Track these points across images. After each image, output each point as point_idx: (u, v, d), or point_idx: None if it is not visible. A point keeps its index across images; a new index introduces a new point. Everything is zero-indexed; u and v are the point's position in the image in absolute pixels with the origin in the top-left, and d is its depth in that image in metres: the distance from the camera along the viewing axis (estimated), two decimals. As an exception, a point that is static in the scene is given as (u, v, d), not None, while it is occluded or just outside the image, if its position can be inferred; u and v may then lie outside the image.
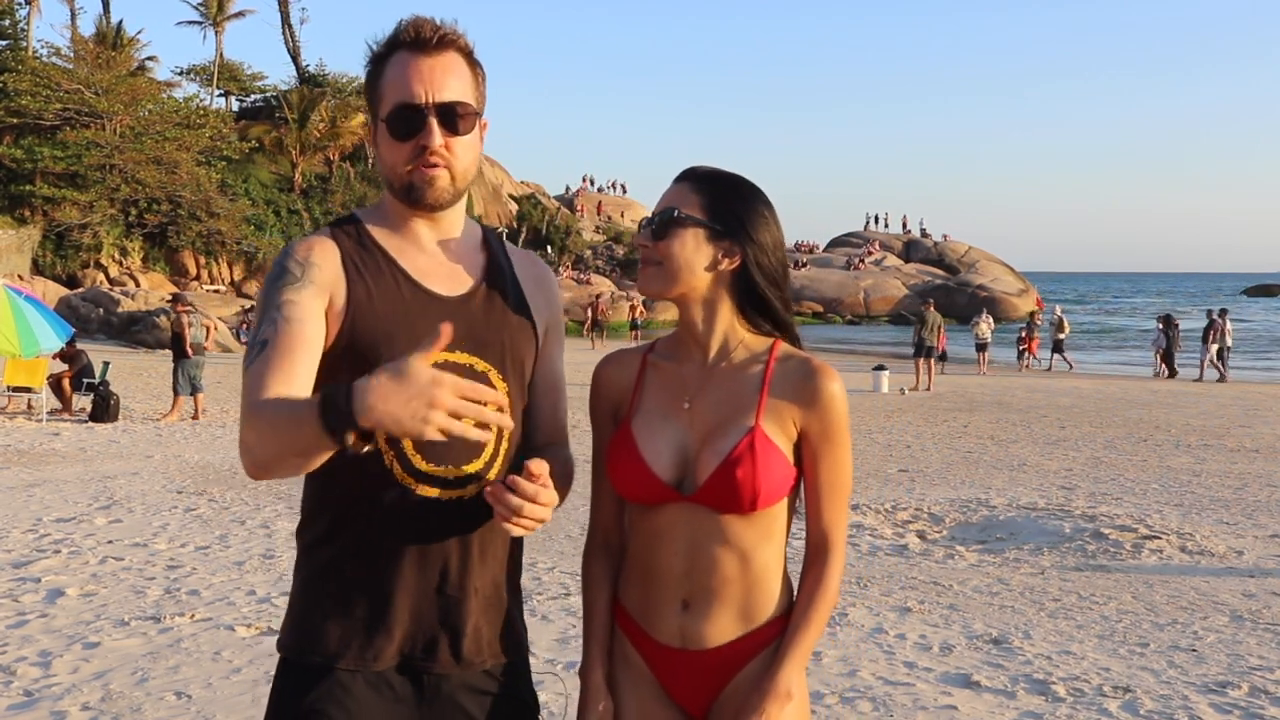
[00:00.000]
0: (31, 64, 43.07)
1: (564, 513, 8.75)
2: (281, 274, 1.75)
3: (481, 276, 1.87)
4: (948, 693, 4.77)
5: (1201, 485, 10.57)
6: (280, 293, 1.73)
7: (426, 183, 1.77)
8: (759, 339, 1.94)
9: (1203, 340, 25.80)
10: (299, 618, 1.80)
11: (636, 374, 1.97)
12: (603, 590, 1.99)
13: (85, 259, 40.90)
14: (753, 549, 1.86)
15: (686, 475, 1.87)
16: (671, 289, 1.90)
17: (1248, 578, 6.97)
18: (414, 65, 1.76)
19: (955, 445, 13.39)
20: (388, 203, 1.87)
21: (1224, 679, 4.97)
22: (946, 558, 7.56)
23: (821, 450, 1.88)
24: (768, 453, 1.84)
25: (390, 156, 1.79)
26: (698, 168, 1.94)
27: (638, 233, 1.94)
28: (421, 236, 1.85)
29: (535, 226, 58.71)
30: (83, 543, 7.42)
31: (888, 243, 63.80)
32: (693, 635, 1.88)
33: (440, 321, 1.67)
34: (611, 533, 2.01)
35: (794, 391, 1.88)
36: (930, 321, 22.34)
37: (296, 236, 2.15)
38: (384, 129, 1.78)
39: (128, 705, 4.45)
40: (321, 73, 57.27)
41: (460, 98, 1.78)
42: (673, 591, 1.88)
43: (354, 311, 1.75)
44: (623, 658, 1.95)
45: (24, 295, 14.75)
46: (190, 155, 42.88)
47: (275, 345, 1.68)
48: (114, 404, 14.66)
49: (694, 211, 1.88)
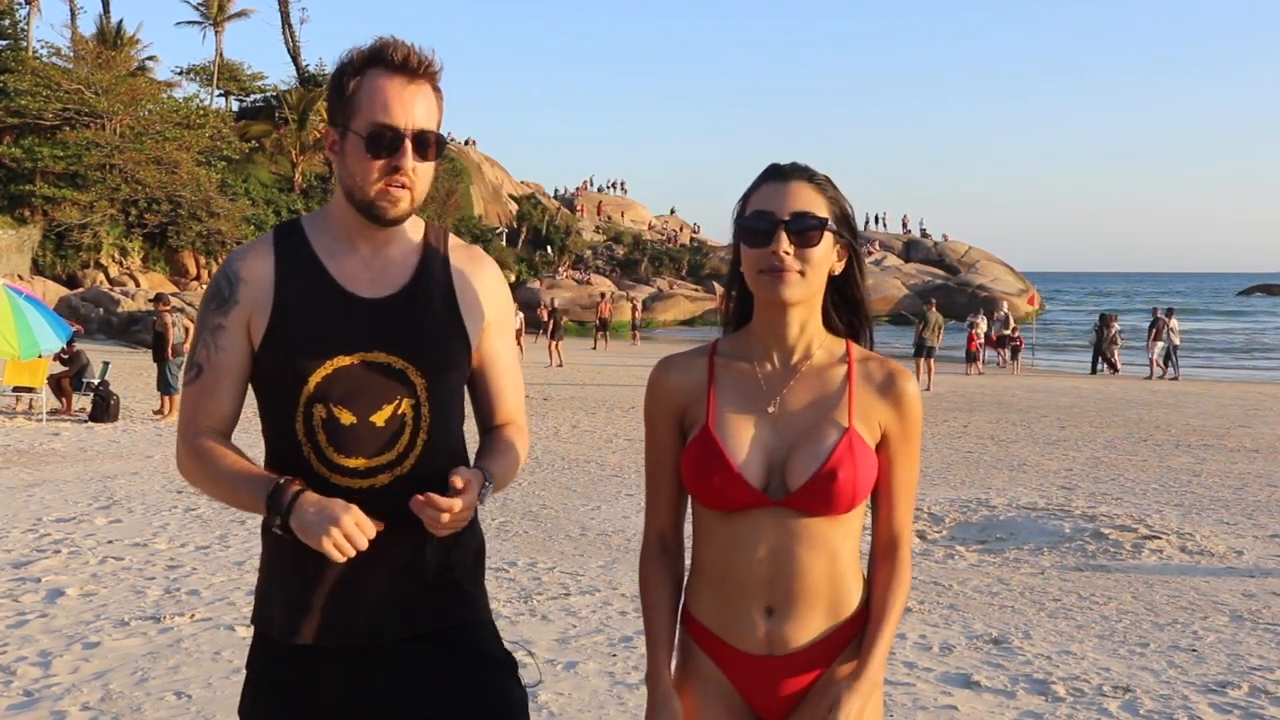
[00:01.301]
0: (31, 64, 43.01)
1: (564, 512, 8.78)
2: (214, 294, 1.95)
3: (409, 279, 1.96)
4: (948, 693, 4.77)
5: (1201, 485, 10.57)
6: (212, 316, 1.94)
7: (391, 202, 1.89)
8: (835, 340, 1.95)
9: (1148, 339, 26.20)
10: (257, 596, 2.03)
11: (706, 376, 1.93)
12: (665, 594, 1.96)
13: (85, 259, 40.85)
14: (838, 549, 1.86)
15: (773, 479, 1.84)
16: (810, 296, 1.87)
17: (1248, 578, 6.97)
18: (395, 88, 1.86)
19: (955, 445, 13.40)
20: (336, 209, 1.98)
21: (1224, 679, 4.97)
22: (946, 558, 7.56)
23: (899, 450, 1.90)
24: (864, 453, 1.85)
25: (359, 170, 1.88)
26: (801, 166, 1.90)
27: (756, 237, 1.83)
28: (358, 243, 1.96)
29: (535, 226, 58.68)
30: (83, 543, 7.41)
31: (888, 243, 63.73)
32: (779, 641, 1.86)
33: (360, 323, 1.92)
34: (669, 537, 1.99)
35: (877, 392, 1.89)
36: (932, 321, 22.34)
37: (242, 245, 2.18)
38: (356, 142, 1.87)
39: (128, 705, 4.45)
40: (321, 73, 57.06)
41: (431, 126, 1.90)
42: (755, 598, 1.86)
43: (279, 315, 1.91)
44: (696, 672, 1.92)
45: (24, 295, 14.73)
46: (190, 155, 42.83)
47: (206, 373, 1.94)
48: (114, 404, 14.66)
49: (826, 215, 1.85)
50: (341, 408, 1.88)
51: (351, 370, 1.89)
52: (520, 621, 5.65)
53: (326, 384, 1.88)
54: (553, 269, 54.50)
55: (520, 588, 6.38)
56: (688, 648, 1.94)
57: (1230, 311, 74.73)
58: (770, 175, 1.89)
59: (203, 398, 1.93)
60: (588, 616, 5.81)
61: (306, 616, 1.91)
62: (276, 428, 1.93)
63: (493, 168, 63.44)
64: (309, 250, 1.96)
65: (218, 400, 1.93)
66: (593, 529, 8.14)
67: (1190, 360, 27.95)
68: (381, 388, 1.89)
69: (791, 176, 1.87)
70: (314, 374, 1.88)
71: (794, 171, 1.88)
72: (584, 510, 8.78)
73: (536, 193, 63.96)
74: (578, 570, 6.85)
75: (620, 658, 5.11)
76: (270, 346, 1.90)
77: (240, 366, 1.93)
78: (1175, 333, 25.95)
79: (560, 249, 57.64)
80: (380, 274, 1.95)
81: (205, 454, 1.89)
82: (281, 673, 1.94)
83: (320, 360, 1.88)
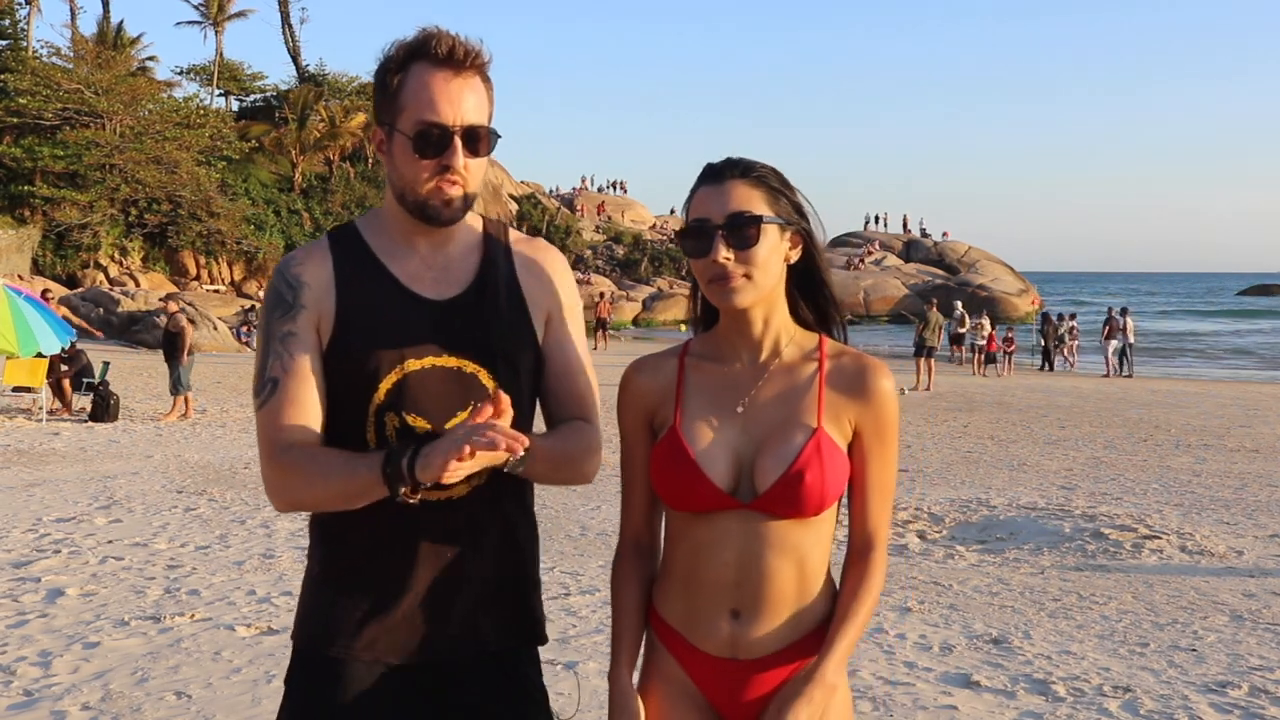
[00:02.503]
0: (31, 64, 42.98)
1: (564, 512, 8.77)
2: (277, 302, 1.83)
3: (474, 277, 1.88)
4: (948, 693, 4.76)
5: (1201, 485, 10.58)
6: (280, 324, 1.82)
7: (444, 202, 1.80)
8: (807, 334, 1.89)
9: (1101, 337, 26.72)
10: (309, 610, 1.88)
11: (675, 377, 1.88)
12: (634, 592, 1.93)
13: (85, 259, 40.84)
14: (808, 554, 1.81)
15: (742, 481, 1.80)
16: (764, 295, 1.81)
17: (1248, 578, 6.97)
18: (442, 83, 1.76)
19: (955, 445, 13.39)
20: (389, 210, 1.89)
21: (1224, 679, 4.97)
22: (946, 558, 7.55)
23: (873, 449, 1.84)
24: (833, 455, 1.79)
25: (408, 171, 1.79)
26: (735, 162, 1.82)
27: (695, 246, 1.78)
28: (417, 242, 1.87)
29: (535, 226, 58.66)
30: (83, 543, 7.41)
31: (887, 243, 63.72)
32: (743, 645, 1.82)
33: (427, 326, 1.83)
34: (643, 537, 1.95)
35: (849, 389, 1.83)
36: (932, 321, 22.34)
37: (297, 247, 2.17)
38: (404, 142, 1.78)
39: (128, 705, 4.45)
40: (321, 73, 57.20)
41: (482, 121, 1.80)
42: (722, 601, 1.82)
43: (344, 320, 1.82)
44: (662, 671, 1.89)
45: (24, 295, 14.73)
46: (190, 155, 42.81)
47: (285, 384, 1.80)
48: (114, 404, 14.65)
49: (765, 209, 1.78)
50: (415, 415, 1.80)
51: (423, 375, 1.81)
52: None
53: (397, 391, 1.80)
54: (560, 258, 54.45)
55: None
56: (653, 646, 1.91)
57: (1222, 312, 74.66)
58: (705, 178, 1.81)
59: (287, 411, 1.79)
60: (588, 616, 5.81)
61: (384, 631, 1.82)
62: (343, 440, 1.81)
63: (493, 168, 63.24)
64: (367, 251, 1.87)
65: (304, 410, 1.79)
66: (593, 529, 8.14)
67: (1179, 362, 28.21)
68: (455, 393, 1.81)
69: (725, 176, 1.79)
70: (385, 380, 1.79)
71: (728, 170, 1.80)
72: (584, 510, 8.78)
73: (536, 193, 63.95)
74: (578, 570, 6.85)
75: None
76: (336, 353, 1.81)
77: (319, 373, 1.81)
78: (1130, 332, 26.45)
79: (560, 249, 57.60)
80: (443, 273, 1.87)
81: (303, 458, 1.76)
82: (340, 691, 1.82)
83: (391, 366, 1.79)
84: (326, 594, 1.86)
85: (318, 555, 1.89)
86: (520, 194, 62.31)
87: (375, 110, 1.85)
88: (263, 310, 1.87)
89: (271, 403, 1.80)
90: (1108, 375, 26.06)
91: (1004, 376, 25.03)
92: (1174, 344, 43.02)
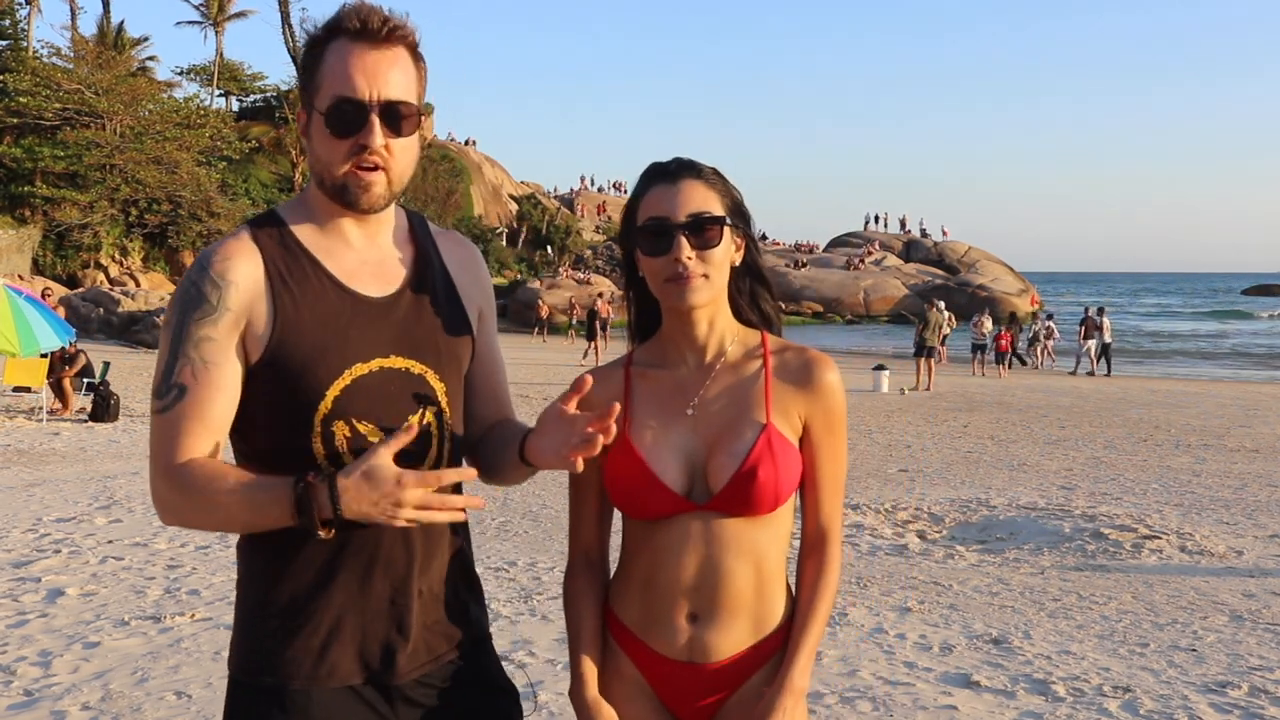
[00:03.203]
0: (32, 64, 43.00)
1: (564, 512, 8.74)
2: (197, 300, 1.67)
3: (410, 271, 1.80)
4: (948, 693, 4.76)
5: (1201, 485, 10.57)
6: (196, 326, 1.66)
7: (362, 187, 1.69)
8: (749, 332, 1.89)
9: (1079, 336, 27.52)
10: (250, 638, 1.75)
11: (622, 386, 1.86)
12: (589, 608, 1.90)
13: (85, 259, 40.87)
14: (764, 553, 1.81)
15: (696, 483, 1.79)
16: (713, 297, 1.81)
17: (1248, 578, 6.97)
18: (357, 57, 1.65)
19: (955, 445, 13.39)
20: (313, 198, 1.77)
21: (1224, 679, 4.97)
22: (946, 558, 7.56)
23: (823, 442, 1.84)
24: (784, 449, 1.79)
25: (325, 153, 1.69)
26: (686, 163, 1.82)
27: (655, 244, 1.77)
28: (349, 234, 1.76)
29: (535, 226, 58.70)
30: (83, 542, 7.41)
31: (887, 243, 63.74)
32: (701, 648, 1.82)
33: (369, 326, 1.72)
34: (593, 550, 1.93)
35: (795, 383, 1.83)
36: (933, 321, 22.33)
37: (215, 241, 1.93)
38: (320, 122, 1.68)
39: (128, 705, 4.45)
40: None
41: (405, 96, 1.68)
42: (679, 604, 1.81)
43: (280, 325, 1.68)
44: (616, 671, 1.87)
45: (24, 295, 14.73)
46: (190, 155, 42.84)
47: (194, 393, 1.65)
48: (114, 404, 14.66)
49: (720, 210, 1.79)
50: (365, 422, 1.69)
51: (371, 379, 1.70)
52: (520, 621, 5.65)
53: (346, 398, 1.68)
54: (553, 269, 54.51)
55: (520, 588, 6.38)
56: (609, 648, 1.89)
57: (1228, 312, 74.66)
58: (656, 177, 1.81)
59: (189, 423, 1.65)
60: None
61: (344, 655, 1.72)
62: (286, 454, 1.68)
63: (493, 168, 63.47)
64: (299, 245, 1.73)
65: (209, 425, 1.66)
66: (593, 529, 8.15)
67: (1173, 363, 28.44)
68: (404, 397, 1.73)
69: (680, 176, 1.79)
70: (331, 388, 1.68)
71: (681, 170, 1.80)
72: (584, 510, 8.77)
73: (536, 193, 63.96)
74: (577, 570, 6.85)
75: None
76: (274, 361, 1.67)
77: (234, 385, 1.67)
78: (1107, 331, 27.15)
79: (560, 249, 57.65)
80: (378, 268, 1.77)
81: (202, 477, 1.63)
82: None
83: (337, 371, 1.68)
84: (275, 623, 1.73)
85: (259, 582, 1.75)
86: (520, 194, 62.33)
87: (299, 92, 1.75)
88: (173, 305, 1.70)
89: (175, 411, 1.65)
90: (1090, 373, 26.42)
91: (1003, 377, 25.00)
92: (1188, 345, 43.10)
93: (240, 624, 1.79)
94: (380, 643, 1.74)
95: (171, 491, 1.66)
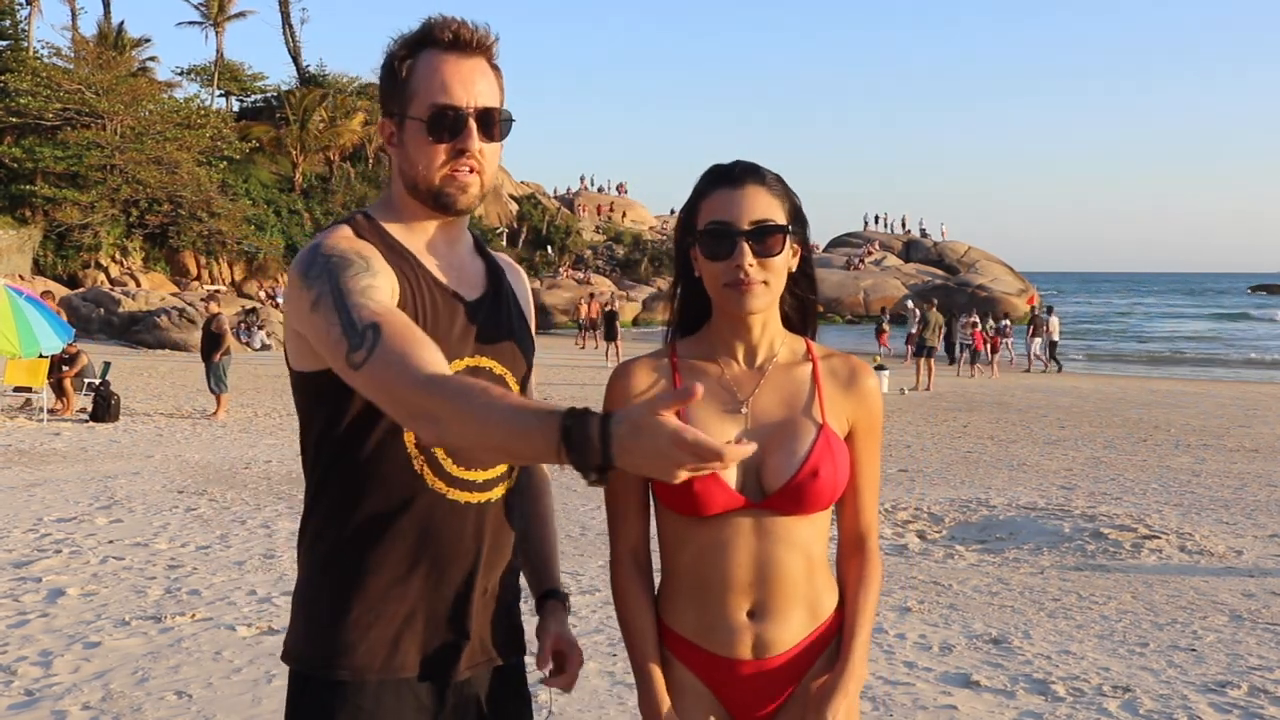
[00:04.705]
0: (32, 64, 43.00)
1: (564, 512, 8.76)
2: (343, 263, 1.63)
3: (486, 280, 1.87)
4: (947, 692, 4.77)
5: (1201, 485, 10.58)
6: (354, 280, 1.61)
7: (460, 188, 1.75)
8: (794, 337, 1.93)
9: (1028, 334, 29.54)
10: (320, 628, 1.73)
11: (672, 378, 1.87)
12: (646, 608, 1.89)
13: (86, 259, 40.87)
14: (811, 548, 1.84)
15: (749, 481, 1.80)
16: (771, 303, 1.84)
17: (1248, 578, 6.97)
18: (453, 67, 1.72)
19: (955, 445, 13.40)
20: (400, 203, 1.80)
21: (1224, 679, 4.97)
22: (946, 558, 7.56)
23: (865, 445, 1.91)
24: (840, 450, 1.84)
25: (422, 157, 1.73)
26: (749, 167, 1.83)
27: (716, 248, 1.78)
28: (436, 239, 1.81)
29: (535, 226, 58.69)
30: (83, 542, 7.42)
31: (887, 243, 63.75)
32: (764, 643, 1.83)
33: (464, 325, 1.76)
34: (641, 552, 1.93)
35: (843, 387, 1.89)
36: (932, 321, 22.34)
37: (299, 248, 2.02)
38: (417, 128, 1.73)
39: (128, 705, 4.45)
40: (321, 73, 57.25)
41: (496, 104, 1.76)
42: (737, 602, 1.82)
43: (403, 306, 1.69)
44: (674, 683, 1.86)
45: (24, 295, 14.74)
46: (191, 155, 42.86)
47: (388, 325, 1.55)
48: (114, 404, 14.66)
49: (783, 218, 1.80)
50: None
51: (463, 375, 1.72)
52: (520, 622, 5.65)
53: None
54: (553, 269, 54.53)
55: (520, 587, 6.38)
56: (665, 661, 1.88)
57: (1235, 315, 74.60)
58: (720, 180, 1.82)
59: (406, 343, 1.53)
60: (588, 616, 5.81)
61: (410, 646, 1.73)
62: (376, 442, 1.69)
63: (493, 167, 63.33)
64: (398, 244, 1.76)
65: (424, 339, 1.56)
66: (593, 529, 8.14)
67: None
68: None
69: (744, 181, 1.80)
70: None
71: (745, 175, 1.81)
72: (584, 510, 8.78)
73: (536, 193, 63.95)
74: (577, 570, 6.85)
75: (620, 658, 5.10)
76: None
77: None
78: (1054, 330, 28.89)
79: (560, 249, 57.65)
80: (461, 273, 1.83)
81: (457, 383, 1.50)
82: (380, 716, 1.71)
83: None
84: (357, 615, 1.72)
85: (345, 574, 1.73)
86: (520, 194, 62.30)
87: (382, 102, 1.80)
88: (315, 282, 1.62)
89: (383, 344, 1.52)
90: (1044, 370, 27.82)
91: (994, 377, 24.95)
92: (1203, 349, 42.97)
93: (311, 617, 1.75)
94: (446, 638, 1.76)
95: (430, 398, 1.47)
